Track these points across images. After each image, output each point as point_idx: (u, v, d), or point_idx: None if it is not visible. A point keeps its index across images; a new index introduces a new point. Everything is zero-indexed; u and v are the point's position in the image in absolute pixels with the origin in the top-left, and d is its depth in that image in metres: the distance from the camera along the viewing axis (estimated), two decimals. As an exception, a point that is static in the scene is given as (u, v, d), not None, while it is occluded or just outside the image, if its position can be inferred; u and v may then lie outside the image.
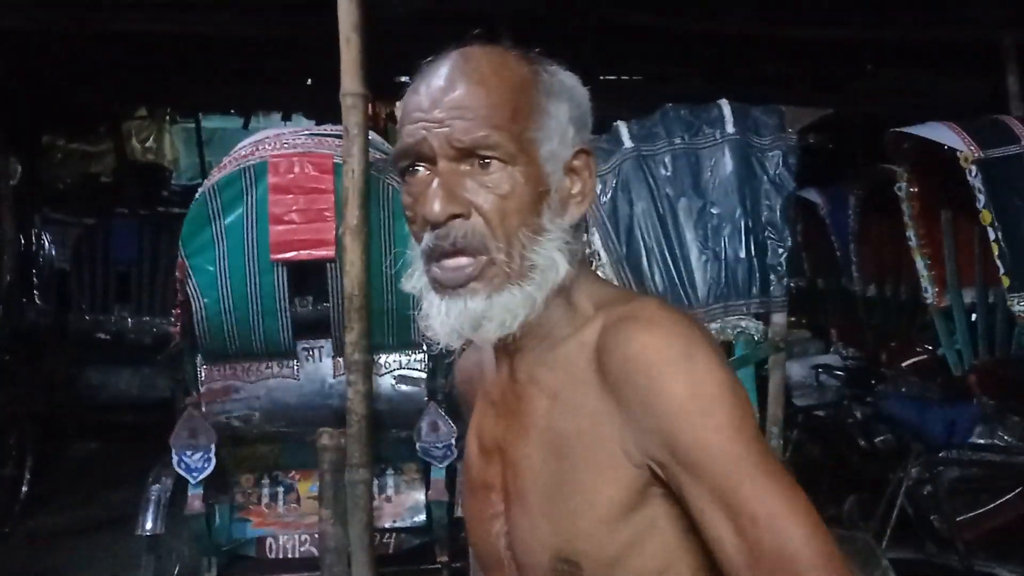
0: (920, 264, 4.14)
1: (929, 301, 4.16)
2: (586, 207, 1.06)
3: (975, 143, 3.60)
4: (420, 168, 1.00)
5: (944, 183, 4.02)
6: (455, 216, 0.98)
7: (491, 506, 1.07)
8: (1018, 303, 3.50)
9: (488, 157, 0.98)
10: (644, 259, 3.08)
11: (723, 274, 3.06)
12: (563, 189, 1.03)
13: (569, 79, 1.07)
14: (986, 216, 3.54)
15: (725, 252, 3.06)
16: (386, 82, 6.61)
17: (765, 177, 3.11)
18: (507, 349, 1.05)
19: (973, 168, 3.56)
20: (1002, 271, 3.50)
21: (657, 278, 3.07)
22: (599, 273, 3.11)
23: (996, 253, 3.51)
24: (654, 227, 3.09)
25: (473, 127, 0.97)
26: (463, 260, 0.98)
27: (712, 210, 3.10)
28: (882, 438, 3.85)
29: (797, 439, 4.33)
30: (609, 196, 3.14)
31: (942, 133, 3.72)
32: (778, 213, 3.09)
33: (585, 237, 3.19)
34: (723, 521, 0.90)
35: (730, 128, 3.14)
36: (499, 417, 1.07)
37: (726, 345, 3.02)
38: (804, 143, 6.42)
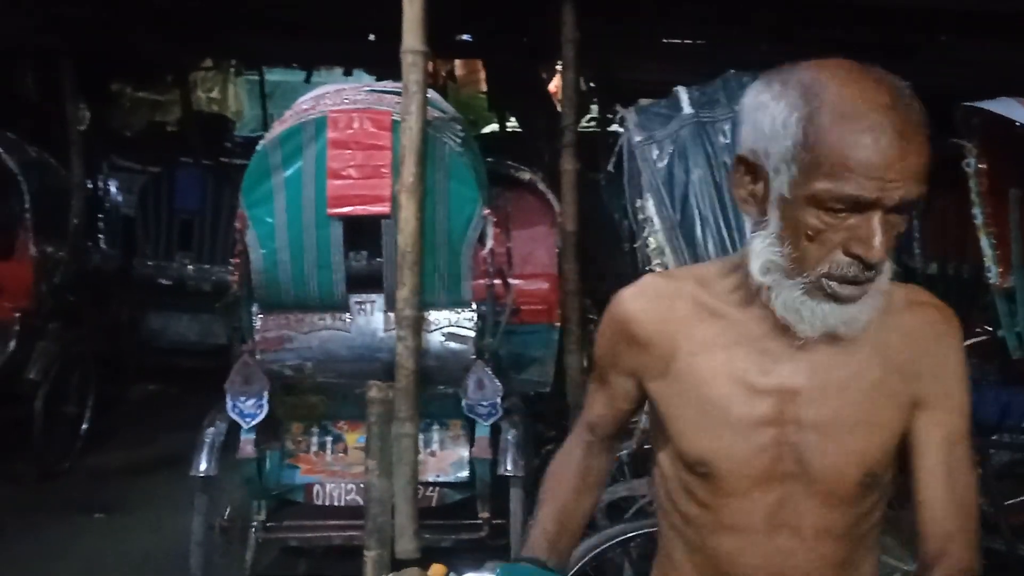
0: (985, 243, 4.02)
1: (992, 281, 4.04)
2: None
3: (1055, 120, 3.47)
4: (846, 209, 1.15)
5: (1015, 161, 3.89)
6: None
7: (769, 434, 1.28)
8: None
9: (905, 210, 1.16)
10: (698, 227, 3.07)
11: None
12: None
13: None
14: (1056, 196, 3.43)
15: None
16: (446, 40, 6.61)
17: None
18: None
19: (1047, 145, 3.44)
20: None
21: (711, 247, 3.05)
22: (651, 240, 3.12)
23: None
24: (710, 196, 3.06)
25: (917, 188, 1.14)
26: (859, 289, 1.19)
27: (766, 181, 3.06)
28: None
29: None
30: (666, 163, 3.12)
31: (1015, 109, 3.60)
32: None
33: (639, 203, 3.19)
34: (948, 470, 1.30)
35: (688, 109, 3.11)
36: (790, 369, 1.28)
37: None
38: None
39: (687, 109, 3.16)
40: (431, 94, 3.74)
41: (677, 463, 1.34)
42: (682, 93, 3.21)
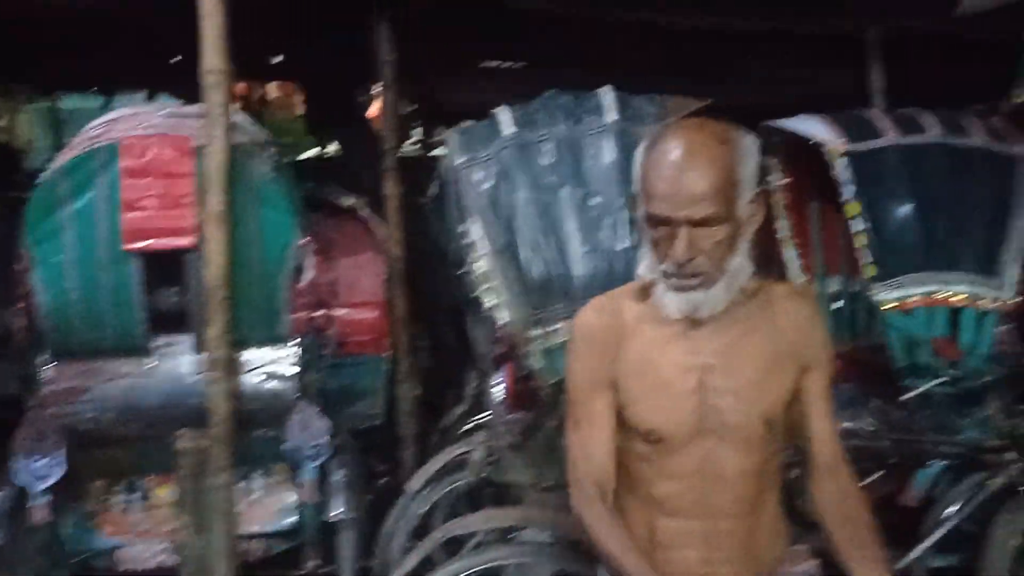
0: (790, 253, 4.23)
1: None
2: (756, 226, 1.66)
3: (843, 136, 3.67)
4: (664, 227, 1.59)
5: (814, 175, 4.10)
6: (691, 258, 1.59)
7: (694, 401, 1.68)
8: (882, 292, 3.60)
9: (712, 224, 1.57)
10: (524, 249, 3.02)
11: (603, 266, 3.02)
12: (747, 221, 1.63)
13: (751, 142, 1.64)
14: (853, 208, 3.62)
15: (605, 243, 3.02)
16: (258, 61, 6.31)
17: None
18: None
19: (841, 161, 3.63)
20: (867, 261, 3.59)
21: (537, 269, 3.00)
22: (479, 265, 3.03)
23: (862, 244, 3.60)
24: (535, 217, 3.02)
25: (703, 210, 1.55)
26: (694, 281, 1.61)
27: (593, 200, 3.05)
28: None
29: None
30: (490, 185, 3.06)
31: (812, 126, 3.79)
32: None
33: (463, 227, 3.10)
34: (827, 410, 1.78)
35: (612, 117, 3.12)
36: (706, 351, 1.68)
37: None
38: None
39: (509, 130, 3.11)
40: (238, 117, 3.52)
41: (630, 434, 1.71)
42: (503, 114, 3.16)
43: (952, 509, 3.40)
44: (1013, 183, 3.71)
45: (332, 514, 3.36)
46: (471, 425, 3.83)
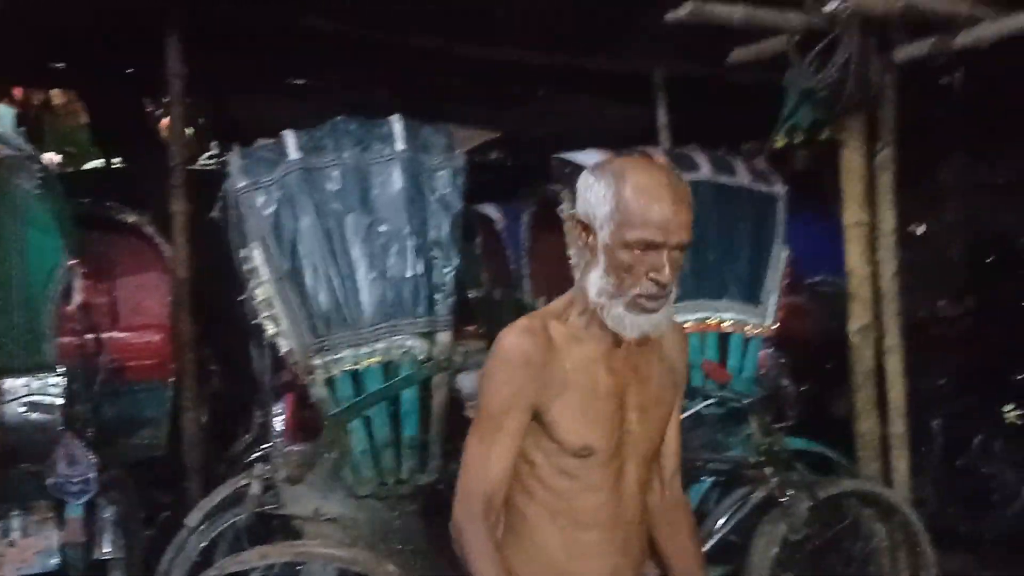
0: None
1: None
2: None
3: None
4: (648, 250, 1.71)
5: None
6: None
7: (618, 417, 1.81)
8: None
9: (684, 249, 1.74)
10: (309, 277, 2.96)
11: (390, 293, 3.02)
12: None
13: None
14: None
15: (392, 271, 3.02)
16: (38, 67, 5.89)
17: (433, 196, 3.12)
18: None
19: (623, 195, 3.82)
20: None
21: (322, 296, 2.96)
22: (259, 292, 2.95)
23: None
24: (320, 243, 2.98)
25: (687, 235, 1.72)
26: (659, 303, 1.75)
27: (380, 228, 3.05)
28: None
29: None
30: (273, 210, 2.98)
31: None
32: (445, 232, 3.11)
33: (243, 252, 3.02)
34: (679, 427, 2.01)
35: (400, 145, 3.12)
36: (623, 370, 1.81)
37: (388, 365, 2.99)
38: (484, 159, 6.65)
39: (294, 154, 3.05)
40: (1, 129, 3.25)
41: (554, 452, 1.78)
42: (289, 137, 3.10)
43: (721, 522, 3.66)
44: (773, 219, 4.07)
45: (100, 554, 3.15)
46: (253, 456, 3.72)
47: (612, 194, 1.69)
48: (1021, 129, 4.95)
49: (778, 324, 4.02)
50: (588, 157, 4.09)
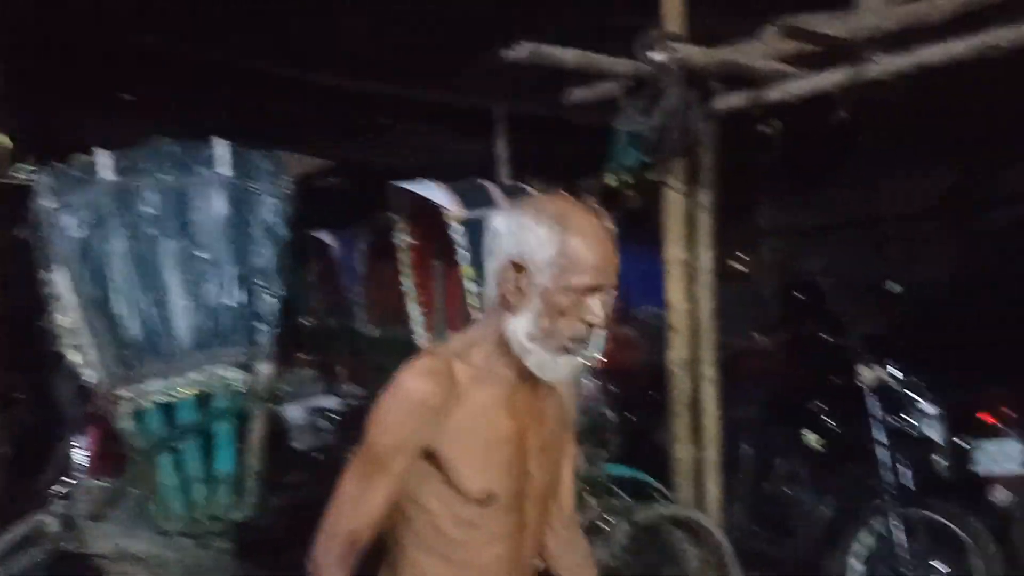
0: (413, 309, 4.41)
1: (421, 343, 4.43)
2: None
3: (460, 203, 3.93)
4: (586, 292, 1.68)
5: (436, 237, 4.33)
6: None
7: (519, 461, 1.75)
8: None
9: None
10: (118, 303, 2.83)
11: (207, 322, 2.92)
12: None
13: None
14: (467, 270, 3.88)
15: (210, 299, 2.93)
16: None
17: (257, 223, 3.06)
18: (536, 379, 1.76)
19: (458, 226, 3.88)
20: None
21: (133, 324, 2.83)
22: (61, 318, 2.79)
23: (474, 304, 3.86)
24: (132, 269, 2.85)
25: (617, 278, 1.69)
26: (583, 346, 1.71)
27: (200, 254, 2.96)
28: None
29: (298, 482, 4.30)
30: (81, 232, 2.84)
31: (434, 192, 4.01)
32: (270, 261, 3.05)
33: (46, 275, 2.85)
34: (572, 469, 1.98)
35: (224, 170, 3.04)
36: (523, 413, 1.75)
37: (204, 397, 2.89)
38: (323, 185, 6.56)
39: (108, 175, 2.92)
40: None
41: (454, 500, 1.70)
42: (102, 157, 2.96)
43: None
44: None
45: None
46: (53, 491, 3.49)
47: (556, 238, 1.65)
48: (825, 179, 5.40)
49: (603, 356, 4.16)
50: (424, 187, 4.13)
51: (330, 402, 4.86)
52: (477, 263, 3.88)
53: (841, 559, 4.29)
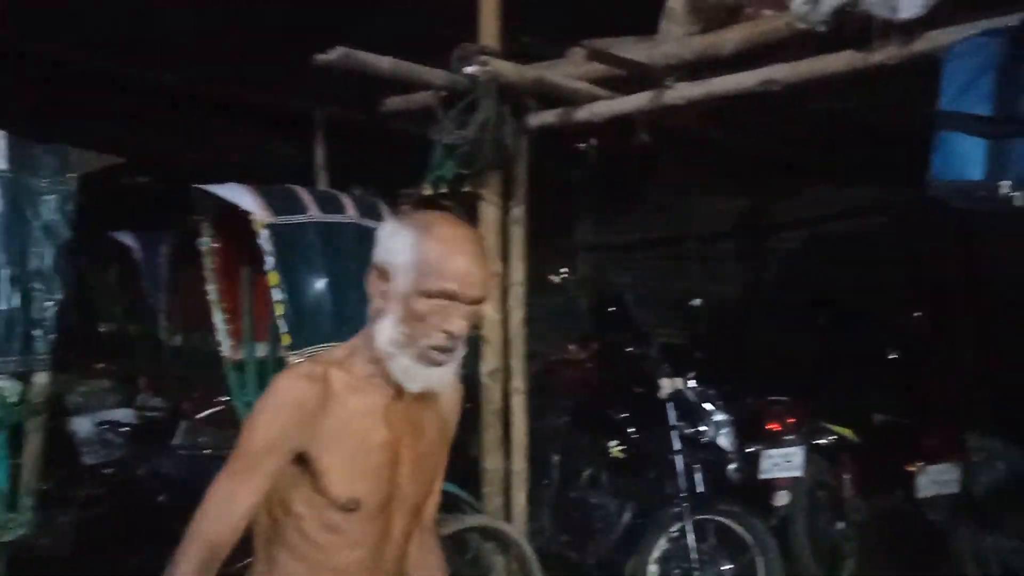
0: (218, 318, 4.22)
1: (225, 354, 4.24)
2: None
3: (268, 208, 3.81)
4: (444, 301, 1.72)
5: (244, 242, 4.17)
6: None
7: (389, 471, 1.79)
8: (296, 360, 3.77)
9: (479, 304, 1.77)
10: None
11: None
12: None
13: None
14: (273, 277, 3.76)
15: (-21, 301, 2.70)
16: None
17: (37, 222, 2.84)
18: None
19: (264, 232, 3.76)
20: (283, 330, 3.74)
21: None
22: None
23: (280, 313, 3.75)
24: None
25: (482, 291, 1.74)
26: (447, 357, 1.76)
27: (-33, 253, 2.72)
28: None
29: (87, 498, 4.03)
30: None
31: (240, 195, 3.86)
32: (49, 262, 2.85)
33: None
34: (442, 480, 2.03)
35: (2, 164, 2.81)
36: (400, 423, 1.80)
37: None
38: (129, 184, 6.21)
39: None
40: None
41: (320, 505, 1.73)
42: None
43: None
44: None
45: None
46: None
47: (416, 244, 1.70)
48: (633, 198, 5.65)
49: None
50: (229, 191, 3.97)
51: (124, 414, 4.58)
52: (284, 270, 3.78)
53: (640, 563, 4.49)
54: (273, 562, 1.78)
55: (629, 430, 4.96)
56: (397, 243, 1.73)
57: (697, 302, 6.04)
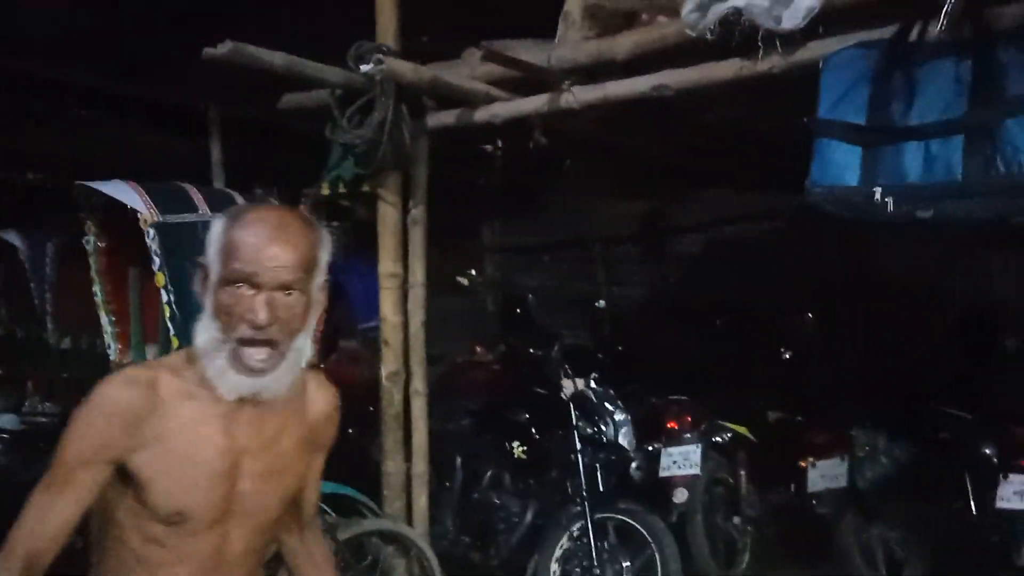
0: (105, 320, 4.08)
1: (112, 357, 4.11)
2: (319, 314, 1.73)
3: (155, 206, 3.70)
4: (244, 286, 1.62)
5: (133, 241, 4.04)
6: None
7: (226, 483, 1.68)
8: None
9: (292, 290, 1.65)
10: None
11: None
12: (315, 305, 1.70)
13: (327, 235, 1.73)
14: (160, 278, 3.66)
15: None
16: None
17: None
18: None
19: (151, 231, 3.65)
20: (172, 332, 3.65)
21: None
22: None
23: (168, 315, 3.65)
24: None
25: (288, 275, 1.63)
26: (265, 363, 1.66)
27: None
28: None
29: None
30: None
31: (126, 193, 3.75)
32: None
33: None
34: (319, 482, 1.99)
35: None
36: (244, 432, 1.69)
37: None
38: (9, 181, 5.93)
39: None
40: None
41: (144, 517, 1.63)
42: None
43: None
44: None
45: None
46: None
47: (222, 232, 1.63)
48: (538, 200, 5.69)
49: (325, 370, 4.09)
50: (115, 188, 3.84)
51: (10, 420, 4.39)
52: (172, 271, 3.69)
53: (542, 561, 4.52)
54: (96, 573, 1.70)
55: (532, 431, 4.99)
56: (212, 234, 1.66)
57: (600, 304, 6.12)
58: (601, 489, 4.54)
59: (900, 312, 5.90)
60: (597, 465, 4.58)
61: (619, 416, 4.78)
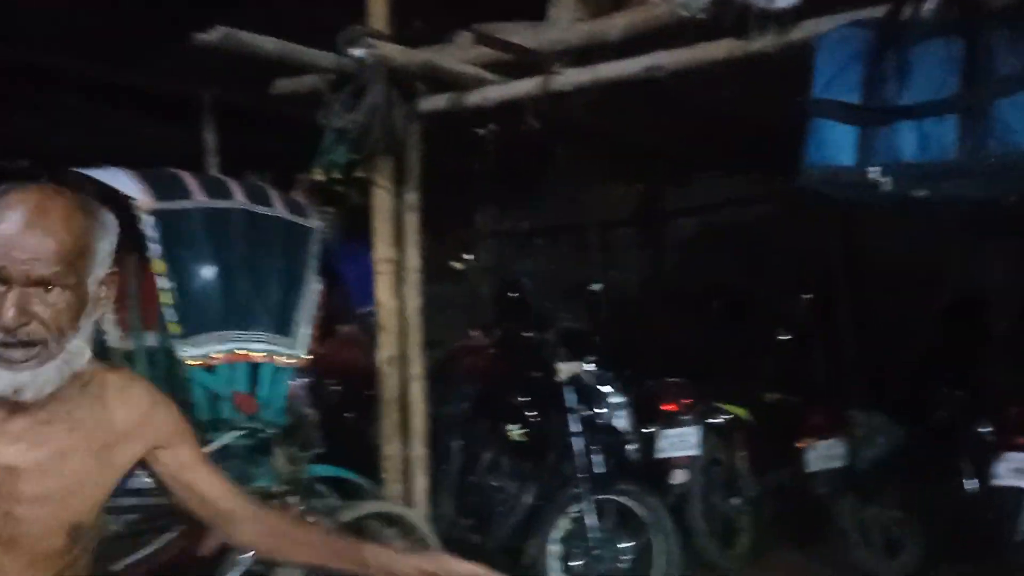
0: (103, 307, 4.08)
1: (112, 344, 4.12)
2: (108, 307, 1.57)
3: (151, 193, 3.69)
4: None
5: (127, 229, 4.04)
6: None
7: None
8: (186, 349, 3.69)
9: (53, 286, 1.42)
10: None
11: None
12: (94, 301, 1.50)
13: (112, 221, 1.57)
14: (159, 266, 3.65)
15: None
16: None
17: None
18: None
19: (148, 218, 3.65)
20: (171, 319, 3.65)
21: None
22: None
23: (166, 301, 3.65)
24: None
25: (45, 270, 1.39)
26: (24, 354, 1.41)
27: None
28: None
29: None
30: None
31: (121, 180, 3.73)
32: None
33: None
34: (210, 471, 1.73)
35: None
36: (18, 444, 1.46)
37: None
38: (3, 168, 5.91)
39: None
40: None
41: None
42: None
43: (245, 556, 3.59)
44: (306, 252, 4.14)
45: None
46: None
47: None
48: (531, 184, 5.70)
49: (311, 354, 4.10)
50: (109, 176, 3.83)
51: None
52: (170, 258, 3.68)
53: (541, 544, 4.55)
54: None
55: (529, 414, 5.01)
56: None
57: (596, 287, 6.13)
58: (599, 471, 4.56)
59: (897, 294, 5.91)
60: (595, 447, 4.59)
61: (616, 398, 4.79)
